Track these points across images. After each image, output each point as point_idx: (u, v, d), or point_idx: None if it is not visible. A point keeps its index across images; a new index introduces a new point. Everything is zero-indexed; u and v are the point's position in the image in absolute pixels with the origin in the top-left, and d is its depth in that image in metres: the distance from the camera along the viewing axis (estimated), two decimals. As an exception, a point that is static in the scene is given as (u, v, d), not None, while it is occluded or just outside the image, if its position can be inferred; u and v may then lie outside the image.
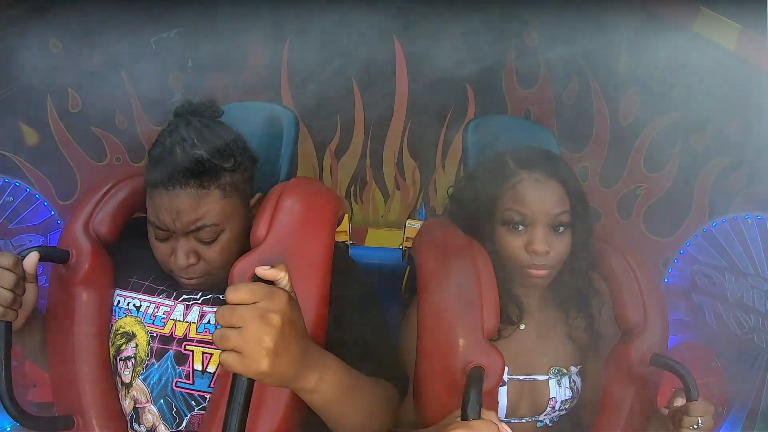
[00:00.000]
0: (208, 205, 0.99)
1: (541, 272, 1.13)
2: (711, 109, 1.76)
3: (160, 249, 1.04)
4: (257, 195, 1.11)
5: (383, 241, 2.30)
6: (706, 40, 1.67)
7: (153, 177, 0.99)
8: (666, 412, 1.06)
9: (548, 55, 2.23)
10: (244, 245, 1.03)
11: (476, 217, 1.18)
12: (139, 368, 1.07)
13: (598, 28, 1.81)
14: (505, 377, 1.17)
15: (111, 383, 1.09)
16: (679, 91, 1.85)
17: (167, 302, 1.10)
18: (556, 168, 1.15)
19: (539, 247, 1.11)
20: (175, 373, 1.05)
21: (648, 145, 2.05)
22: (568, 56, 2.07)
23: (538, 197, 1.12)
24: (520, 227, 1.13)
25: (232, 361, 0.70)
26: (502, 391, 1.16)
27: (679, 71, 1.80)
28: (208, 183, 0.99)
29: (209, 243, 1.02)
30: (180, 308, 1.09)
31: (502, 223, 1.15)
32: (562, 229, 1.13)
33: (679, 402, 1.03)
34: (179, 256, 1.01)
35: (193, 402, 1.04)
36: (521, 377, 1.19)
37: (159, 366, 1.06)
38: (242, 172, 1.06)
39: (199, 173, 0.98)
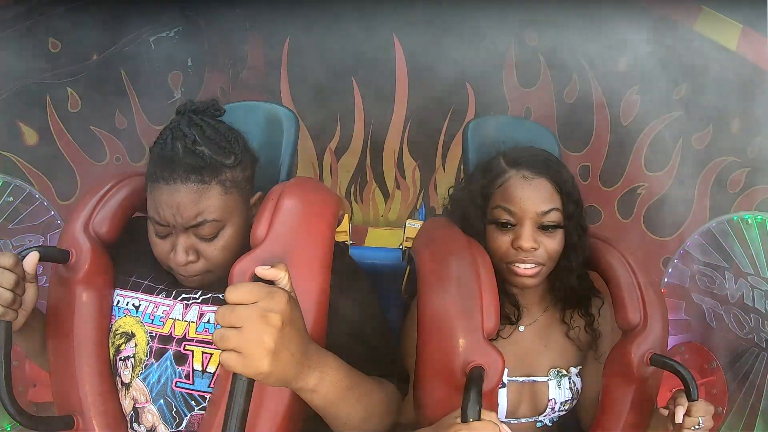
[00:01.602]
0: (208, 201, 0.99)
1: (529, 271, 1.13)
2: (711, 109, 1.76)
3: (160, 246, 1.04)
4: (257, 194, 1.11)
5: (383, 241, 2.30)
6: (707, 40, 1.68)
7: (154, 172, 1.00)
8: (666, 412, 1.06)
9: (548, 55, 2.23)
10: (243, 244, 1.03)
11: (470, 216, 1.19)
12: (138, 368, 1.07)
13: (598, 28, 1.81)
14: (505, 379, 1.17)
15: (111, 383, 1.09)
16: (679, 90, 1.85)
17: (166, 301, 1.10)
18: (546, 166, 1.15)
19: (525, 243, 1.11)
20: (175, 373, 1.05)
21: (648, 145, 2.05)
22: (568, 55, 2.07)
23: (525, 194, 1.12)
24: (508, 225, 1.13)
25: (233, 362, 0.70)
26: (502, 393, 1.16)
27: (680, 71, 1.80)
28: (209, 178, 0.99)
29: (209, 240, 1.02)
30: (179, 307, 1.08)
31: (492, 221, 1.15)
32: (551, 226, 1.14)
33: (680, 403, 1.03)
34: (179, 252, 1.01)
35: (192, 402, 1.04)
36: (521, 379, 1.19)
37: (158, 366, 1.05)
38: (243, 169, 1.06)
39: (200, 168, 0.98)
